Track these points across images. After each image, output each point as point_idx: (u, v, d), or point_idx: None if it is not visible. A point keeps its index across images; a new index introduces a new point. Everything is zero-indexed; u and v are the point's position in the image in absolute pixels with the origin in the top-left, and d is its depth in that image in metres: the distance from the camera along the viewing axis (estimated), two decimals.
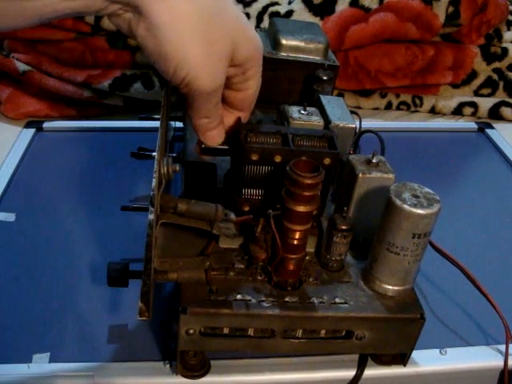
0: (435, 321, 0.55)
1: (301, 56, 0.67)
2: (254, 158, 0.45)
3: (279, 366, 0.49)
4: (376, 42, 0.92)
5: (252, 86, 0.45)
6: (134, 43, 0.89)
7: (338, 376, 0.49)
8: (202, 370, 0.47)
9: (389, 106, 0.96)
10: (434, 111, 0.97)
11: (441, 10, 0.90)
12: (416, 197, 0.43)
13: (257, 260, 0.46)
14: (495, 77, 0.98)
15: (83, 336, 0.51)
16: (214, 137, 0.46)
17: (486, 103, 0.96)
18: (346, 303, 0.45)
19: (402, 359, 0.49)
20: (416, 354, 0.49)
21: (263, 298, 0.44)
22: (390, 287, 0.46)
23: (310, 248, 0.49)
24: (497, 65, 0.98)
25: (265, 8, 0.89)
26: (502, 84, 0.98)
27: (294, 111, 0.54)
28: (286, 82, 0.68)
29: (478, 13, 0.94)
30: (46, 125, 0.82)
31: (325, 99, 0.58)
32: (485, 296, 0.50)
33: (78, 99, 0.87)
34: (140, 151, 0.65)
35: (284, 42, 0.67)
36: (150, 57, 0.40)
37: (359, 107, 0.95)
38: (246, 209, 0.48)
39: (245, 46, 0.42)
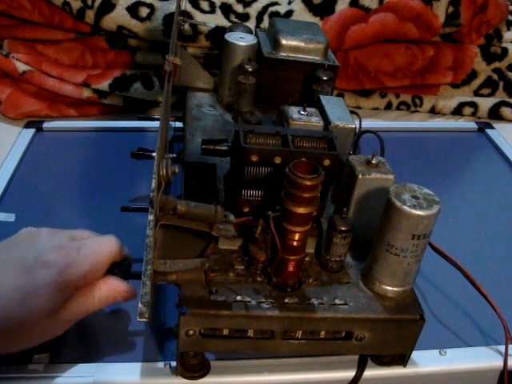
0: (435, 321, 0.55)
1: (301, 56, 0.67)
2: (254, 159, 0.45)
3: (279, 366, 0.49)
4: (376, 42, 0.92)
5: None
6: (133, 43, 0.89)
7: (337, 377, 0.49)
8: (202, 370, 0.47)
9: (389, 106, 0.96)
10: (434, 111, 0.97)
11: (441, 10, 0.90)
12: (416, 198, 0.43)
13: (256, 261, 0.46)
14: (495, 77, 0.98)
15: (83, 336, 0.51)
16: None
17: (485, 103, 0.96)
18: (345, 304, 0.45)
19: (402, 360, 0.49)
20: (416, 355, 0.49)
21: (263, 299, 0.44)
22: (390, 288, 0.46)
23: (310, 249, 0.49)
24: (497, 65, 0.98)
25: (265, 8, 0.89)
26: (501, 84, 0.98)
27: (294, 112, 0.54)
28: (285, 82, 0.68)
29: (478, 13, 0.94)
30: (45, 125, 0.82)
31: (325, 99, 0.58)
32: (484, 297, 0.50)
33: (77, 99, 0.87)
34: (140, 151, 0.65)
35: (284, 42, 0.67)
36: None
37: (359, 107, 0.95)
38: (246, 210, 0.48)
39: None
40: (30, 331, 0.44)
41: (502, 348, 0.52)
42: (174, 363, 0.48)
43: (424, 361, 0.50)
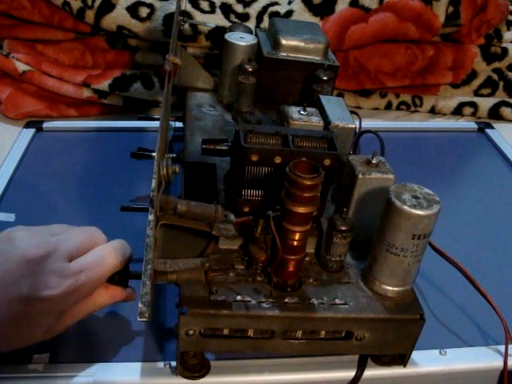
0: (435, 321, 0.55)
1: (301, 56, 0.67)
2: (254, 158, 0.45)
3: (279, 366, 0.49)
4: (376, 42, 0.92)
5: None
6: (133, 43, 0.89)
7: (337, 377, 0.49)
8: (202, 370, 0.47)
9: (389, 106, 0.96)
10: (434, 111, 0.97)
11: (441, 10, 0.90)
12: (416, 197, 0.43)
13: (256, 261, 0.46)
14: (495, 77, 0.98)
15: (83, 336, 0.51)
16: None
17: (485, 103, 0.96)
18: (345, 304, 0.45)
19: (402, 360, 0.49)
20: (416, 355, 0.49)
21: (263, 299, 0.44)
22: (390, 288, 0.46)
23: (310, 249, 0.49)
24: (497, 65, 0.98)
25: (265, 8, 0.89)
26: (501, 84, 0.98)
27: (294, 112, 0.54)
28: (285, 82, 0.68)
29: (478, 13, 0.94)
30: (45, 125, 0.82)
31: (325, 99, 0.58)
32: (484, 297, 0.50)
33: (77, 99, 0.87)
34: (140, 151, 0.65)
35: (284, 42, 0.67)
36: None
37: (359, 107, 0.95)
38: (246, 210, 0.48)
39: None
40: (29, 339, 0.44)
41: (502, 348, 0.52)
42: (174, 363, 0.48)
43: (424, 361, 0.50)
